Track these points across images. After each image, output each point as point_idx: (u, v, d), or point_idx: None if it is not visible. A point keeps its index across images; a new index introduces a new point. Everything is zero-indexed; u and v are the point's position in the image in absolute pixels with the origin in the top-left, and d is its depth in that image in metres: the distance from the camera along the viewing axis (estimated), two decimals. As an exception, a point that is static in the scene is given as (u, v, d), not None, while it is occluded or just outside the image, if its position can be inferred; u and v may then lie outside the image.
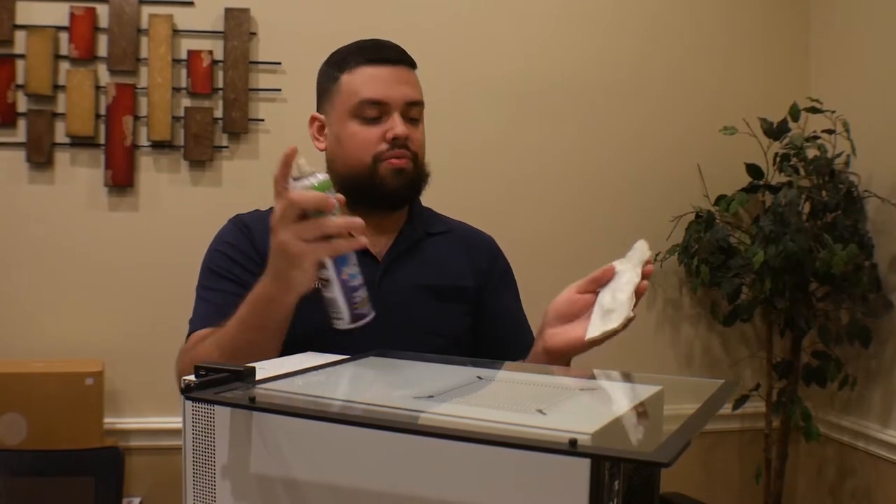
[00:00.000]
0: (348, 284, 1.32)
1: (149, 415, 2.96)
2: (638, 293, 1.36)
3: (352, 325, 1.33)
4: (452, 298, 1.64)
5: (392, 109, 1.61)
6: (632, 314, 1.34)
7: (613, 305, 1.35)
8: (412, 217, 1.73)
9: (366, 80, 1.63)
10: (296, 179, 1.28)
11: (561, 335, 1.40)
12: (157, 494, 2.91)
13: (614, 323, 1.34)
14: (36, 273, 2.96)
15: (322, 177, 1.30)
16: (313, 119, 1.72)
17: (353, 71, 1.64)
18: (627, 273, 1.37)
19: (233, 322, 1.40)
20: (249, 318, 1.38)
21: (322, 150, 1.70)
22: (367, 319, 1.33)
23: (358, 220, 1.31)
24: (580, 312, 1.40)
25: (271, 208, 1.72)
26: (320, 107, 1.71)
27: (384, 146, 1.60)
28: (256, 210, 1.73)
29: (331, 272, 1.31)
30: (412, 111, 1.64)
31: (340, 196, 1.32)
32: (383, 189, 1.61)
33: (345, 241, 1.30)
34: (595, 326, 1.36)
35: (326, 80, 1.69)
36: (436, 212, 1.82)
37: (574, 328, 1.39)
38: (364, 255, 1.64)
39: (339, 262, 1.31)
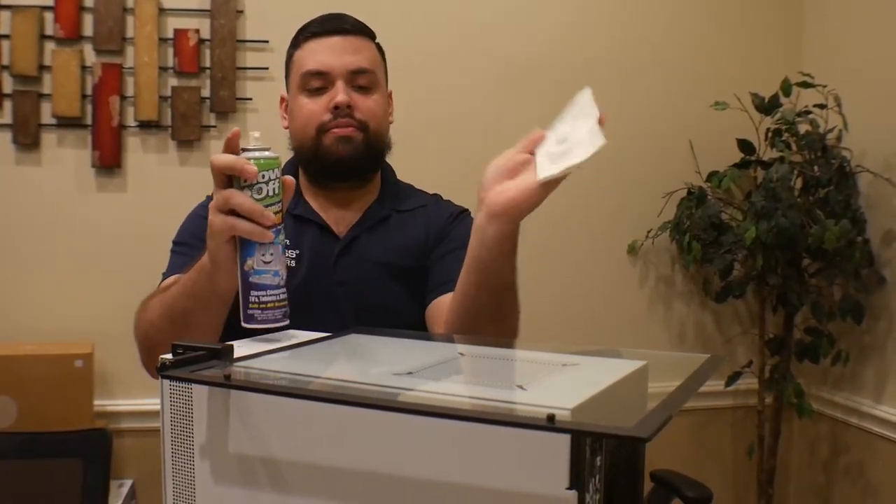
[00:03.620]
0: (248, 279, 1.21)
1: (139, 396, 2.95)
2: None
3: (248, 325, 1.21)
4: (413, 278, 1.60)
5: (335, 78, 1.62)
6: (601, 142, 1.19)
7: (568, 145, 1.21)
8: (383, 193, 1.72)
9: (310, 53, 1.65)
10: (244, 150, 1.23)
11: (506, 191, 1.25)
12: (149, 476, 2.90)
13: (578, 158, 1.19)
14: (24, 255, 2.94)
15: (269, 154, 1.22)
16: (282, 99, 1.75)
17: (301, 46, 1.67)
18: (570, 122, 1.24)
19: (177, 285, 1.38)
20: (188, 283, 1.35)
21: (286, 129, 1.73)
22: (269, 325, 1.20)
23: (262, 213, 1.20)
24: (521, 169, 1.26)
25: None
26: (286, 86, 1.74)
27: (328, 116, 1.61)
28: None
29: (237, 257, 1.22)
30: (359, 79, 1.64)
31: (289, 179, 1.26)
32: (329, 159, 1.61)
33: (247, 224, 1.20)
34: (546, 168, 1.21)
35: (286, 60, 1.73)
36: (415, 187, 1.80)
37: (520, 181, 1.25)
38: (323, 231, 1.64)
39: (245, 248, 1.22)
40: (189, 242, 1.62)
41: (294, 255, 1.60)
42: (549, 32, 3.25)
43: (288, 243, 1.38)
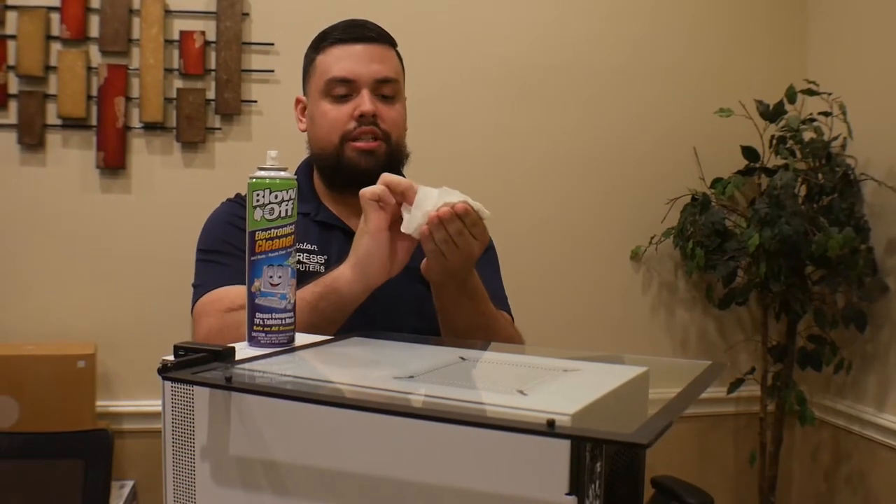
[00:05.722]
0: (254, 300, 1.19)
1: (142, 397, 2.96)
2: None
3: (253, 348, 1.18)
4: None
5: (360, 87, 1.63)
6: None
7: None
8: None
9: (335, 59, 1.65)
10: (260, 169, 1.22)
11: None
12: (150, 477, 2.91)
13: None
14: (28, 255, 2.95)
15: (284, 175, 1.21)
16: (298, 101, 1.76)
17: (326, 51, 1.67)
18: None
19: (315, 309, 1.43)
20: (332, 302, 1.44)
21: (303, 131, 1.74)
22: (272, 350, 1.17)
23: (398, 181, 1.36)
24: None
25: None
26: (304, 89, 1.74)
27: (352, 124, 1.62)
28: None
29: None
30: (384, 88, 1.65)
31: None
32: (351, 170, 1.62)
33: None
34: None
35: (306, 63, 1.73)
36: None
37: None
38: (348, 236, 1.65)
39: (253, 269, 1.19)
40: (222, 250, 1.61)
41: (323, 261, 1.61)
42: (553, 39, 3.25)
43: (316, 256, 1.39)
